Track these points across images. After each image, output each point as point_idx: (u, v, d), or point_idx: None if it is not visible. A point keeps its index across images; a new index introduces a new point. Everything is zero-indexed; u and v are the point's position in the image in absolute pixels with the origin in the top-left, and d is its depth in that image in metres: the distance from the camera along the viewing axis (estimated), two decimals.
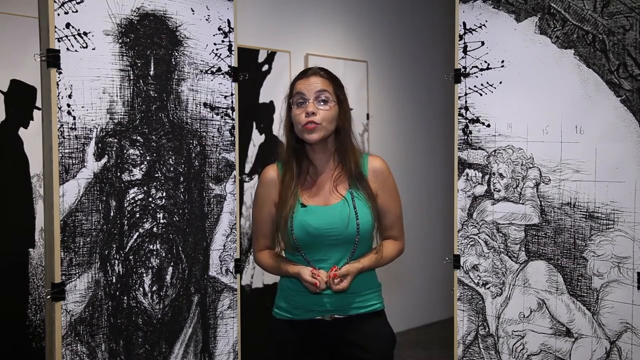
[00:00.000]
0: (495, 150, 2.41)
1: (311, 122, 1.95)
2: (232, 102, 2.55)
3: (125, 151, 2.25)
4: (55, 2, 2.06)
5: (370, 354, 2.02)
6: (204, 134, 2.46)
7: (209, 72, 2.47)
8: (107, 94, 2.20)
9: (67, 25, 2.10)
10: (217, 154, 2.51)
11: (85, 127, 2.15)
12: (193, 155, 2.44)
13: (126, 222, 2.26)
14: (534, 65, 2.30)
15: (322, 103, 1.97)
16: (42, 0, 2.07)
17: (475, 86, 2.45)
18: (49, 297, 2.09)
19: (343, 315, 2.02)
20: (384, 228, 2.09)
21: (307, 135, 1.97)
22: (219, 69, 2.50)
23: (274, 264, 2.08)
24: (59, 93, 2.08)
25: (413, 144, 5.22)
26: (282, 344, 2.07)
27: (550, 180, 2.28)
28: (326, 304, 2.00)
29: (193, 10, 2.42)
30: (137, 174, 2.29)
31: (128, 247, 2.26)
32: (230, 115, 2.54)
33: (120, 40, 2.23)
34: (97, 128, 2.18)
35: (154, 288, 2.33)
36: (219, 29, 2.50)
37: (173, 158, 2.38)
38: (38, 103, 3.05)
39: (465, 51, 2.47)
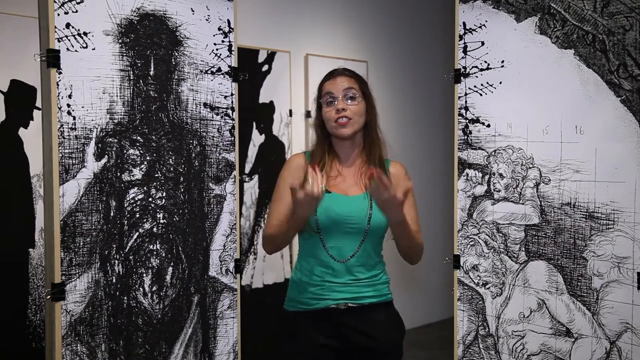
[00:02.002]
0: (495, 150, 2.41)
1: (343, 117, 2.07)
2: (232, 102, 2.55)
3: (125, 151, 2.25)
4: (55, 2, 2.06)
5: (381, 343, 2.07)
6: (204, 134, 2.46)
7: (209, 72, 2.47)
8: (107, 94, 2.20)
9: (67, 25, 2.10)
10: (217, 154, 2.51)
11: (85, 127, 2.15)
12: (193, 155, 2.44)
13: (126, 222, 2.26)
14: (534, 66, 2.30)
15: (350, 100, 2.09)
16: (42, 0, 2.07)
17: (475, 86, 2.45)
18: (49, 297, 2.09)
19: (356, 304, 2.06)
20: None
21: (340, 130, 2.08)
22: (219, 69, 2.50)
23: (280, 224, 2.06)
24: (59, 93, 2.08)
25: (413, 144, 5.22)
26: (293, 335, 2.11)
27: (550, 180, 2.28)
28: (341, 294, 2.05)
29: (193, 11, 2.42)
30: (137, 174, 2.28)
31: (128, 247, 2.26)
32: (230, 115, 2.54)
33: (120, 41, 2.23)
34: (97, 128, 2.18)
35: (154, 288, 2.33)
36: (219, 29, 2.50)
37: (173, 158, 2.38)
38: (38, 103, 3.05)
39: (465, 51, 2.47)
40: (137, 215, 2.28)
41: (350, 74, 2.15)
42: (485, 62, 2.42)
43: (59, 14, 2.07)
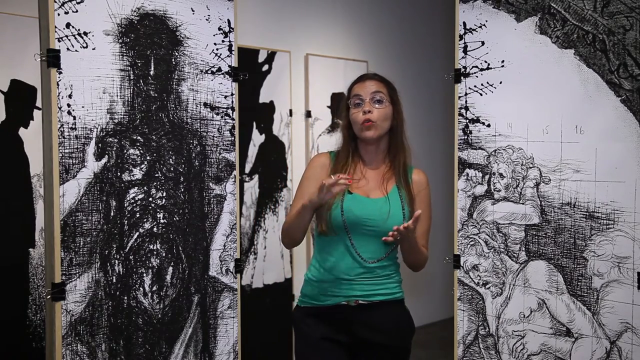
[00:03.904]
0: (495, 150, 2.41)
1: (368, 119, 2.10)
2: (232, 102, 2.55)
3: (125, 151, 2.25)
4: (55, 2, 2.06)
5: (390, 339, 2.12)
6: (204, 134, 2.46)
7: (209, 72, 2.47)
8: (107, 94, 2.20)
9: (67, 25, 2.09)
10: (217, 154, 2.51)
11: (86, 127, 2.15)
12: (193, 155, 2.44)
13: (126, 222, 2.26)
14: (534, 65, 2.30)
15: (377, 103, 2.14)
16: (42, 0, 2.07)
17: (475, 86, 2.45)
18: (49, 297, 2.09)
19: (367, 302, 2.10)
20: None
21: (364, 133, 2.12)
22: (219, 69, 2.50)
23: (293, 213, 2.12)
24: (59, 93, 2.08)
25: (413, 144, 5.22)
26: (304, 330, 2.13)
27: (550, 180, 2.28)
28: (352, 291, 2.09)
29: (193, 10, 2.42)
30: (137, 174, 2.29)
31: (128, 247, 2.26)
32: (230, 115, 2.54)
33: (120, 40, 2.23)
34: (97, 128, 2.18)
35: (154, 288, 2.33)
36: (219, 29, 2.50)
37: (173, 158, 2.38)
38: (38, 103, 3.05)
39: (465, 51, 2.46)
40: (137, 215, 2.28)
41: (379, 78, 2.20)
42: (486, 61, 2.42)
43: (59, 14, 2.07)
